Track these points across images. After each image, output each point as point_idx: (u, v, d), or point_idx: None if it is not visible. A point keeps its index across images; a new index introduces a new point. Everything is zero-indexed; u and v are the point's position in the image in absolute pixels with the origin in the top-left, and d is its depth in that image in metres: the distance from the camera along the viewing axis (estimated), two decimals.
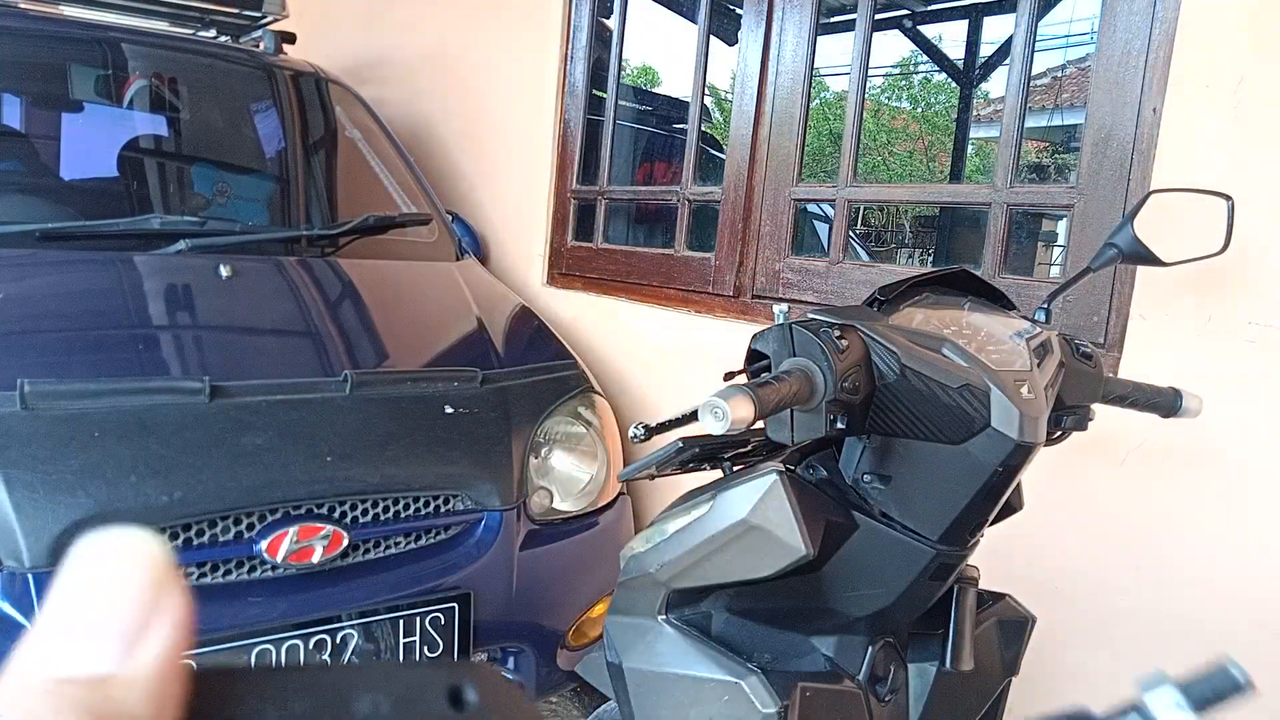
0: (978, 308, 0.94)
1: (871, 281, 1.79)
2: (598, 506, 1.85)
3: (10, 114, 2.13)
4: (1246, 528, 1.30)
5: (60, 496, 1.26)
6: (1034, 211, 3.95)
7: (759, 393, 0.74)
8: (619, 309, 2.37)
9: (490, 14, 2.78)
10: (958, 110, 6.41)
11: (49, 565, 1.24)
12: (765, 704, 0.85)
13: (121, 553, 0.15)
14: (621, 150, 2.88)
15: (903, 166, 12.81)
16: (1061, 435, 0.99)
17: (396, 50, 3.31)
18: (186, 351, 1.65)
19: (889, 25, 4.68)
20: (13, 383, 1.33)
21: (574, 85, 2.51)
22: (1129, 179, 1.44)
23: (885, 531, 0.87)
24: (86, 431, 1.33)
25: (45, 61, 2.17)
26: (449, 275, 2.19)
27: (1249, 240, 1.22)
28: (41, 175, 2.12)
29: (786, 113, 1.98)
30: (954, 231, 6.16)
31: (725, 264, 2.11)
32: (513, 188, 2.76)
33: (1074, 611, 1.48)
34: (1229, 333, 1.31)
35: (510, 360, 1.89)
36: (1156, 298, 1.39)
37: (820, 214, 3.96)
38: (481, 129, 2.88)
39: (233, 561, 1.38)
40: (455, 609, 1.53)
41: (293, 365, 1.66)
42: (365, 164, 2.48)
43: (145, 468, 1.33)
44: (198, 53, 2.43)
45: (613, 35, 2.45)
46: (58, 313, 1.61)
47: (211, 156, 2.36)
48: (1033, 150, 8.67)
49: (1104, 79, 1.47)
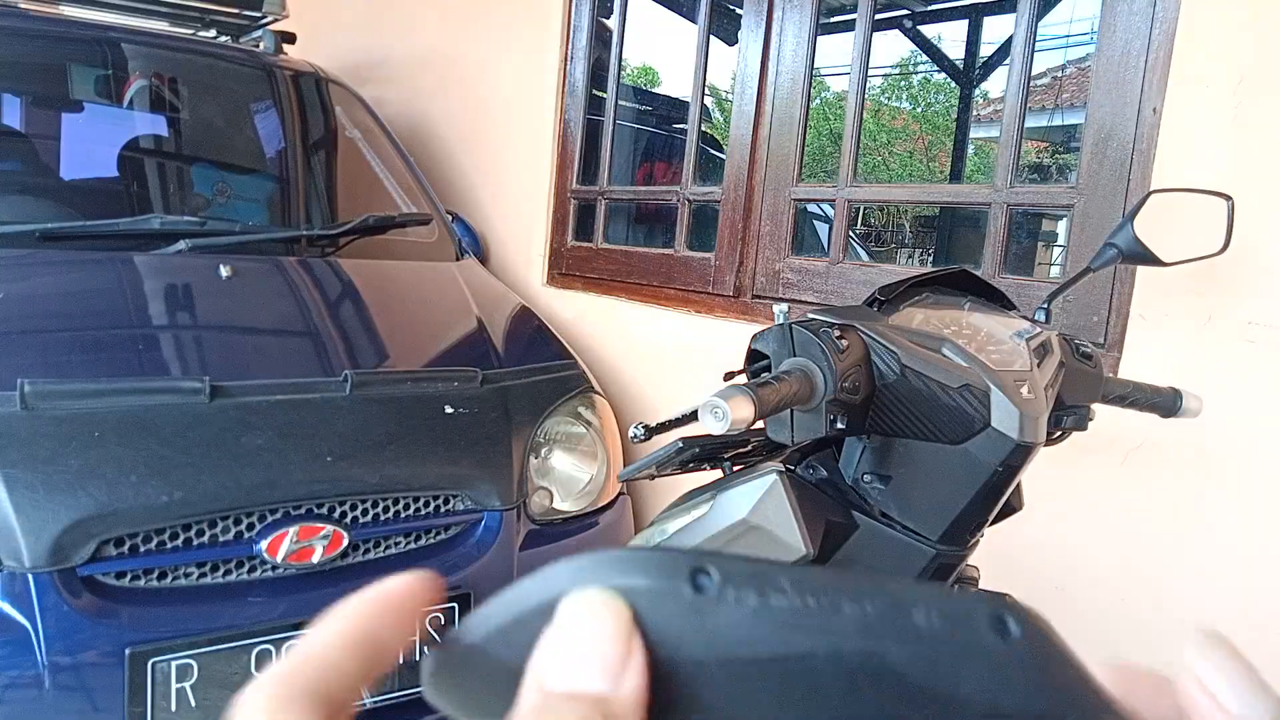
0: (978, 308, 0.94)
1: (871, 281, 1.79)
2: (598, 507, 1.85)
3: (10, 114, 2.13)
4: (1247, 528, 1.30)
5: (60, 496, 1.26)
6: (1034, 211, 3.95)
7: (759, 393, 0.74)
8: (619, 309, 2.37)
9: (490, 14, 2.78)
10: (958, 110, 6.41)
11: (49, 565, 1.24)
12: None
13: (601, 606, 0.20)
14: (621, 150, 2.88)
15: (903, 166, 12.81)
16: (1061, 435, 0.99)
17: (396, 50, 3.31)
18: (186, 351, 1.65)
19: (889, 25, 4.68)
20: (13, 383, 1.33)
21: (574, 85, 2.51)
22: (1129, 179, 1.44)
23: (885, 531, 0.87)
24: (86, 431, 1.33)
25: (45, 61, 2.17)
26: (449, 275, 2.19)
27: (1249, 240, 1.22)
28: (41, 175, 2.12)
29: (786, 113, 1.98)
30: (954, 231, 6.16)
31: (725, 264, 2.11)
32: (513, 188, 2.76)
33: (1074, 611, 1.48)
34: (1229, 333, 1.31)
35: (510, 360, 1.89)
36: (1156, 298, 1.39)
37: (820, 214, 3.95)
38: (481, 129, 2.88)
39: (233, 561, 1.38)
40: (455, 609, 1.53)
41: (293, 365, 1.66)
42: (365, 164, 2.48)
43: (145, 468, 1.33)
44: (198, 53, 2.43)
45: (613, 35, 2.45)
46: (58, 313, 1.61)
47: (211, 156, 2.36)
48: (1033, 150, 8.67)
49: (1104, 79, 1.47)
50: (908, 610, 0.20)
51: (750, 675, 0.20)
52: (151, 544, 1.32)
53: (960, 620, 0.20)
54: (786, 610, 0.20)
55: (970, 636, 0.20)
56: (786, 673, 0.20)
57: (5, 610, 1.21)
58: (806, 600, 0.20)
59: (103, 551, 1.29)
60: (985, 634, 0.20)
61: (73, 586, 1.26)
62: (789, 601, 0.20)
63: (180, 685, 1.29)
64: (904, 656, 0.20)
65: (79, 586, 1.26)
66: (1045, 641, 0.21)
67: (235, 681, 1.33)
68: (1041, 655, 0.20)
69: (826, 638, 0.20)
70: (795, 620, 0.20)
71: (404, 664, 0.22)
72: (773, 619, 0.20)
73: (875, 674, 0.20)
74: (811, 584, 0.20)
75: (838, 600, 0.20)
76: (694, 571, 0.20)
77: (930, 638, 0.20)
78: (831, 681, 0.20)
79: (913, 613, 0.20)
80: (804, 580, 0.20)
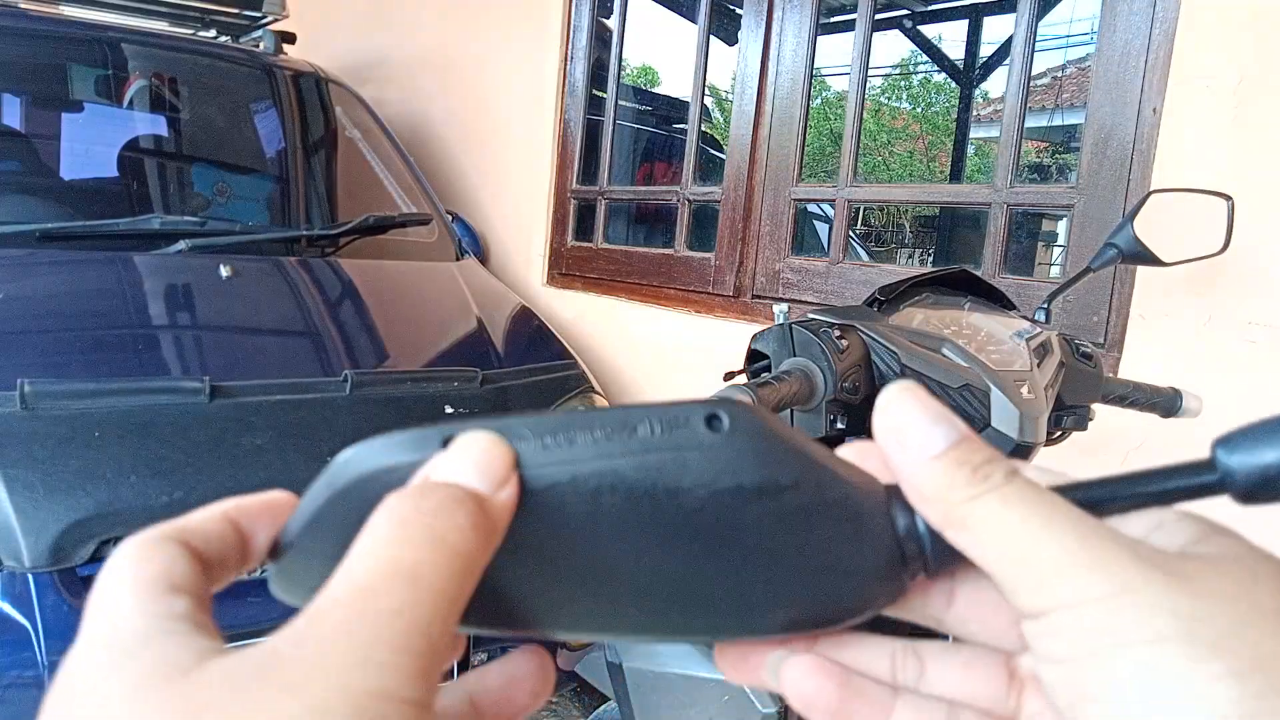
0: (978, 308, 0.94)
1: (871, 281, 1.79)
2: None
3: (10, 114, 2.13)
4: (1246, 528, 1.30)
5: (60, 496, 1.26)
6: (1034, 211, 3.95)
7: (759, 393, 0.74)
8: (619, 309, 2.37)
9: (490, 14, 2.78)
10: (958, 110, 6.41)
11: (49, 565, 1.24)
12: (765, 704, 0.85)
13: (489, 442, 0.23)
14: (621, 150, 2.88)
15: (903, 166, 12.81)
16: (1061, 435, 0.99)
17: (396, 50, 3.31)
18: (186, 351, 1.65)
19: (889, 25, 4.68)
20: (13, 383, 1.33)
21: (574, 85, 2.52)
22: (1129, 179, 1.44)
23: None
24: (86, 431, 1.33)
25: (45, 61, 2.17)
26: (449, 275, 2.19)
27: (1249, 240, 1.22)
28: (41, 175, 2.12)
29: (786, 113, 1.98)
30: (954, 231, 6.16)
31: (725, 264, 2.11)
32: (513, 188, 2.76)
33: None
34: (1229, 333, 1.31)
35: (510, 360, 1.89)
36: (1156, 298, 1.39)
37: (820, 214, 3.95)
38: (481, 129, 2.88)
39: None
40: None
41: (293, 365, 1.66)
42: (365, 164, 2.48)
43: (145, 468, 1.33)
44: (198, 53, 2.43)
45: (613, 35, 2.45)
46: (58, 313, 1.61)
47: (211, 156, 2.36)
48: (1033, 150, 8.67)
49: (1104, 79, 1.47)
50: (632, 426, 0.23)
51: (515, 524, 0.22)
52: None
53: (677, 423, 0.23)
54: (531, 453, 0.23)
55: (686, 435, 0.23)
56: (538, 506, 0.22)
57: (5, 610, 1.21)
58: (544, 440, 0.23)
59: (103, 551, 1.29)
60: (699, 431, 0.23)
61: (73, 586, 1.26)
62: (529, 444, 0.23)
63: None
64: (633, 465, 0.22)
65: (79, 586, 1.26)
66: (754, 425, 0.23)
67: None
68: (751, 437, 0.23)
69: (566, 467, 0.22)
70: (537, 458, 0.22)
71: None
72: (521, 464, 0.22)
73: (612, 488, 0.22)
74: (548, 424, 0.23)
75: (571, 433, 0.23)
76: (445, 440, 0.23)
77: (653, 444, 0.22)
78: (577, 504, 0.22)
79: (637, 428, 0.23)
80: (540, 423, 0.23)
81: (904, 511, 0.25)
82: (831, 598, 0.25)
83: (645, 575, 0.24)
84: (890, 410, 0.24)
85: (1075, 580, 0.21)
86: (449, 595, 0.20)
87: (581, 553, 0.23)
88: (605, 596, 0.24)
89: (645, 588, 0.24)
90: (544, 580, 0.24)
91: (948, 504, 0.23)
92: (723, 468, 0.23)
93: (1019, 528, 0.22)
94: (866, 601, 0.25)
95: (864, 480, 0.25)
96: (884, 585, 0.25)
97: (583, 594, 0.24)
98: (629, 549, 0.23)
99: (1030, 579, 0.22)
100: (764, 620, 0.25)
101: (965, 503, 0.23)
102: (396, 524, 0.20)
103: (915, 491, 0.24)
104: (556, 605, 0.24)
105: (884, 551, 0.25)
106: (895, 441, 0.24)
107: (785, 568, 0.24)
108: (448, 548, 0.20)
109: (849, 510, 0.24)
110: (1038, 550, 0.22)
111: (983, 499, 0.23)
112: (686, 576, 0.24)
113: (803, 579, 0.24)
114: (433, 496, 0.21)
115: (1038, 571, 0.22)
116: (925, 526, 0.24)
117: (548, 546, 0.23)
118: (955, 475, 0.23)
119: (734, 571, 0.24)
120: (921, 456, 0.24)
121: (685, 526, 0.23)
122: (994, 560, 0.23)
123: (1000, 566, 0.23)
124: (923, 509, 0.24)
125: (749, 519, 0.23)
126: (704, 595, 0.24)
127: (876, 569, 0.25)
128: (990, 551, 0.23)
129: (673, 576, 0.24)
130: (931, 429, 0.24)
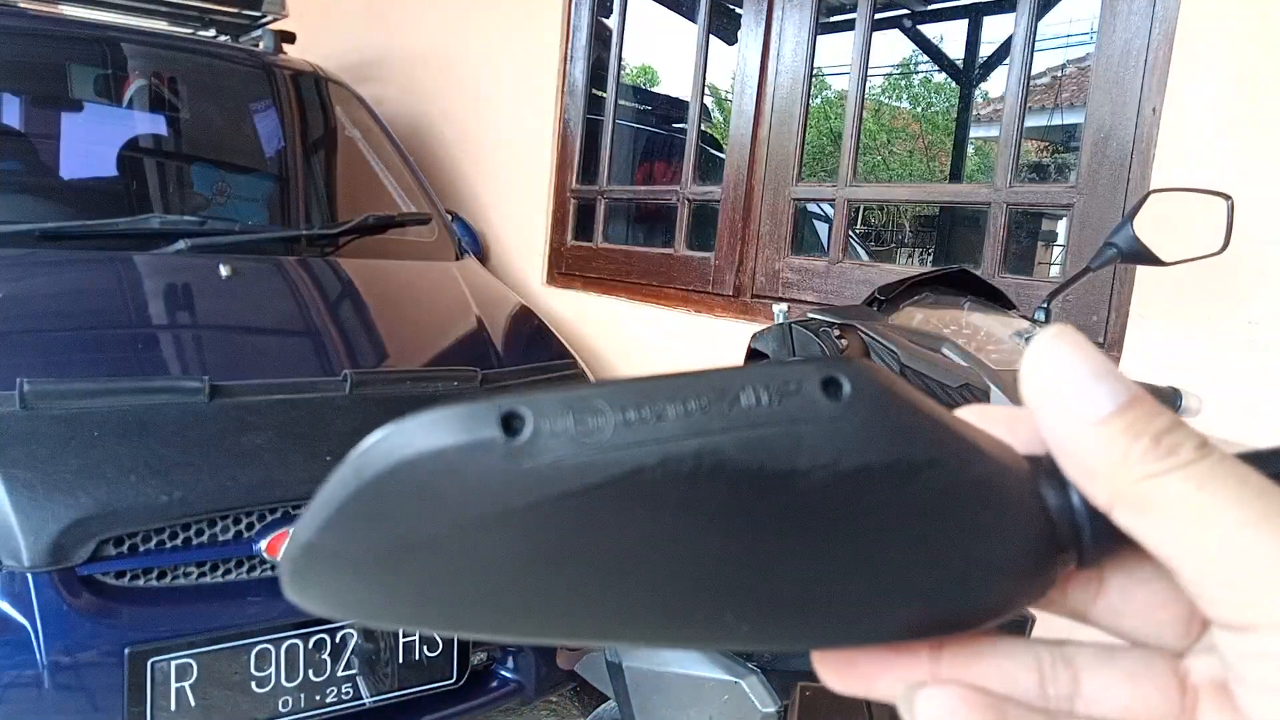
0: (977, 307, 0.94)
1: (871, 281, 1.78)
2: None
3: (10, 114, 2.13)
4: None
5: (60, 496, 1.26)
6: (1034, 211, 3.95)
7: None
8: (619, 309, 2.37)
9: (490, 14, 2.78)
10: (958, 110, 6.41)
11: (49, 565, 1.24)
12: (765, 703, 0.85)
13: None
14: (621, 150, 2.88)
15: (903, 166, 12.82)
16: None
17: (396, 50, 3.31)
18: (186, 351, 1.65)
19: (889, 25, 4.67)
20: (13, 382, 1.33)
21: (574, 85, 2.51)
22: (1129, 179, 1.44)
23: None
24: (86, 431, 1.33)
25: (45, 61, 2.17)
26: (449, 275, 2.19)
27: (1249, 240, 1.22)
28: (41, 175, 2.12)
29: (786, 112, 1.98)
30: (954, 231, 6.16)
31: (725, 264, 2.11)
32: (513, 187, 2.75)
33: None
34: (1229, 333, 1.31)
35: (510, 360, 1.89)
36: (1156, 298, 1.39)
37: (820, 214, 3.95)
38: (481, 128, 2.88)
39: (232, 561, 1.38)
40: None
41: (292, 365, 1.66)
42: (365, 164, 2.48)
43: (145, 467, 1.33)
44: (197, 52, 2.43)
45: (613, 35, 2.45)
46: (58, 312, 1.61)
47: (211, 156, 2.36)
48: (1033, 150, 8.67)
49: (1104, 79, 1.47)
50: (734, 395, 0.19)
51: (588, 508, 0.19)
52: (151, 543, 1.32)
53: (788, 392, 0.19)
54: (608, 429, 0.19)
55: (800, 405, 0.19)
56: (622, 494, 0.19)
57: (5, 610, 1.21)
58: (626, 415, 0.19)
59: (102, 551, 1.29)
60: (816, 399, 0.19)
61: (72, 586, 1.26)
62: (608, 420, 0.19)
63: (180, 685, 1.29)
64: (736, 443, 0.19)
65: (78, 586, 1.26)
66: (881, 391, 0.19)
67: (235, 681, 1.33)
68: (879, 405, 0.19)
69: (655, 447, 0.19)
70: (619, 438, 0.19)
71: (403, 664, 0.22)
72: (596, 443, 0.19)
73: (711, 471, 0.19)
74: (629, 394, 0.19)
75: (659, 405, 0.19)
76: (505, 417, 0.19)
77: (761, 417, 0.19)
78: (669, 491, 0.19)
79: (740, 396, 0.19)
80: (619, 392, 0.19)
81: (1055, 489, 0.21)
82: (968, 595, 0.21)
83: (743, 573, 0.20)
84: (1044, 364, 0.20)
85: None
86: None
87: (667, 549, 0.20)
88: (699, 600, 0.20)
89: (742, 588, 0.20)
90: (622, 582, 0.20)
91: (1121, 481, 0.19)
92: (845, 444, 0.19)
93: (1219, 517, 0.18)
94: (1009, 599, 0.21)
95: (1006, 453, 0.21)
96: (1031, 579, 0.21)
97: (668, 596, 0.20)
98: (724, 543, 0.20)
99: (1233, 585, 0.18)
100: (883, 624, 0.21)
101: (1144, 479, 0.19)
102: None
103: (1077, 465, 0.20)
104: (635, 611, 0.21)
105: (1033, 539, 0.21)
106: (1051, 403, 0.20)
107: (913, 561, 0.20)
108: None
109: (995, 490, 0.20)
110: (1246, 549, 0.18)
111: (1168, 477, 0.18)
112: (792, 574, 0.20)
113: (934, 574, 0.21)
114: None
115: (1245, 576, 0.18)
116: (1084, 506, 0.20)
117: (628, 543, 0.19)
118: (1131, 446, 0.19)
119: (851, 567, 0.20)
120: (1085, 421, 0.19)
121: (794, 515, 0.19)
122: (1181, 554, 0.19)
123: (1189, 563, 0.19)
124: (1086, 486, 0.20)
125: (874, 504, 0.20)
126: (813, 595, 0.21)
127: (1023, 559, 0.21)
128: (1178, 543, 0.19)
129: (775, 575, 0.20)
130: (1095, 386, 0.19)
